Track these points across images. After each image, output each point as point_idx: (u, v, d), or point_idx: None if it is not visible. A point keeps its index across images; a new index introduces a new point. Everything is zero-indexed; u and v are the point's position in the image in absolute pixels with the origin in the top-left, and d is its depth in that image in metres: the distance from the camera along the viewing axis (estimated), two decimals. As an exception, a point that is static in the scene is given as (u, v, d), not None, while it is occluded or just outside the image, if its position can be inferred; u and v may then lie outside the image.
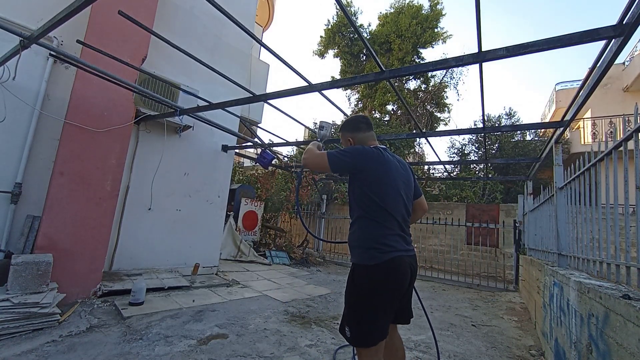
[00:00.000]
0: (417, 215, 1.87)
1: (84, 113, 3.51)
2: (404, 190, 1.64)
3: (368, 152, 1.60)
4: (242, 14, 5.60)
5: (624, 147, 1.85)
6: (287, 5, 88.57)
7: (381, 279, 1.46)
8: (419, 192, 1.83)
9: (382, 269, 1.46)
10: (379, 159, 1.59)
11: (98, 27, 3.62)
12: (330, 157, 1.58)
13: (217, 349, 2.55)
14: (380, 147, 1.68)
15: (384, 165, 1.59)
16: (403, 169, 1.71)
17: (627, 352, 1.29)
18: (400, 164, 1.72)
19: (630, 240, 1.77)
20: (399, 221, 1.57)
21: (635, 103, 1.77)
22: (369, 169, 1.57)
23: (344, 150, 1.61)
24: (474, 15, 1.96)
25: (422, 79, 14.20)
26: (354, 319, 1.49)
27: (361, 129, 1.77)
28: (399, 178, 1.63)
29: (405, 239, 1.61)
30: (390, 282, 1.46)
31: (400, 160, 1.75)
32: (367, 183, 1.56)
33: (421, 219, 7.77)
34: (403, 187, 1.64)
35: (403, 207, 1.61)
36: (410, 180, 1.74)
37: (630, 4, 1.60)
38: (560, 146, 3.33)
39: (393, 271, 1.47)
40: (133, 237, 4.39)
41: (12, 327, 2.49)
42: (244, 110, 6.77)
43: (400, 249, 1.53)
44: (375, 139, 1.80)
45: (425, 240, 9.03)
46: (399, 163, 1.72)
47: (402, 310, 1.65)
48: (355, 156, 1.58)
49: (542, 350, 3.06)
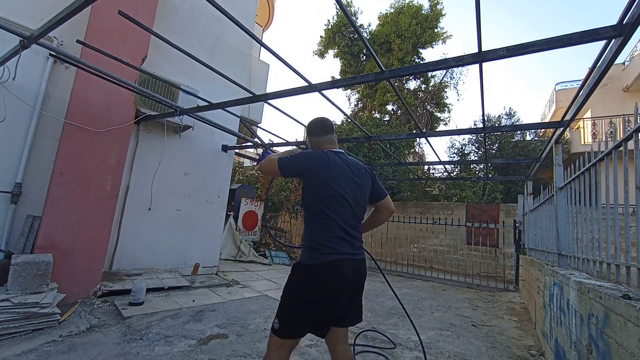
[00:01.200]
0: (383, 217, 1.85)
1: (84, 113, 3.51)
2: (352, 194, 1.61)
3: (314, 157, 1.63)
4: (242, 14, 5.60)
5: (624, 147, 1.85)
6: (287, 5, 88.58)
7: (317, 278, 1.49)
8: (382, 193, 1.79)
9: (320, 269, 1.49)
10: (324, 163, 1.61)
11: (98, 27, 3.61)
12: (280, 162, 1.64)
13: (217, 349, 2.55)
14: (332, 151, 1.69)
15: (330, 169, 1.60)
16: (356, 172, 1.68)
17: (627, 352, 1.29)
18: (354, 167, 1.70)
19: (630, 240, 1.77)
20: (342, 225, 1.56)
21: (635, 103, 1.77)
22: (313, 174, 1.61)
23: (293, 155, 1.67)
24: (474, 15, 1.96)
25: (422, 79, 14.21)
26: (282, 312, 1.54)
27: (317, 133, 1.79)
28: (346, 182, 1.61)
29: (351, 242, 1.58)
30: (325, 284, 1.48)
31: (355, 164, 1.73)
32: (313, 187, 1.61)
33: (422, 219, 7.78)
34: (351, 191, 1.61)
35: (349, 211, 1.59)
36: (365, 183, 1.71)
37: (630, 4, 1.60)
38: (560, 146, 3.33)
39: (330, 273, 1.49)
40: (133, 237, 4.39)
41: (12, 327, 2.49)
42: (244, 110, 6.77)
43: (343, 252, 1.53)
44: (333, 142, 1.78)
45: (425, 240, 9.03)
46: (352, 167, 1.69)
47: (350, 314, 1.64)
48: (301, 161, 1.63)
49: (542, 350, 3.06)
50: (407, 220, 7.95)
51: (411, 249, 9.23)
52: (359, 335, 3.06)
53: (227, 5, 2.39)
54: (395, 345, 2.97)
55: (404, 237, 9.19)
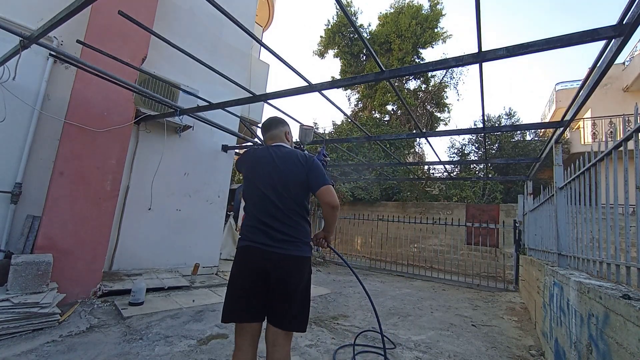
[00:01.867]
0: (324, 211, 1.69)
1: (84, 113, 3.51)
2: (271, 185, 1.63)
3: (243, 158, 1.84)
4: (242, 14, 5.59)
5: (624, 147, 1.85)
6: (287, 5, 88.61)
7: (234, 262, 1.68)
8: (315, 184, 1.64)
9: (237, 254, 1.69)
10: (249, 161, 1.76)
11: (98, 27, 3.61)
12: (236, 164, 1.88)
13: (217, 349, 2.55)
14: (269, 147, 1.77)
15: (253, 165, 1.73)
16: (281, 163, 1.66)
17: (627, 352, 1.29)
18: (282, 158, 1.68)
19: (630, 240, 1.77)
20: (258, 216, 1.63)
21: (635, 103, 1.77)
22: (242, 172, 1.80)
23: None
24: (474, 15, 1.96)
25: (422, 79, 14.20)
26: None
27: (262, 133, 1.91)
28: (267, 174, 1.65)
29: (267, 233, 1.59)
30: (236, 266, 1.64)
31: (285, 154, 1.70)
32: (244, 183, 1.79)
33: (422, 219, 7.77)
34: (271, 182, 1.63)
35: (268, 202, 1.62)
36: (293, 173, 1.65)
37: (630, 4, 1.60)
38: (560, 146, 3.33)
39: (240, 257, 1.65)
40: (133, 237, 4.39)
41: (12, 327, 2.49)
42: (244, 110, 6.77)
43: (255, 240, 1.60)
44: (273, 138, 1.84)
45: (425, 240, 9.03)
46: (279, 158, 1.68)
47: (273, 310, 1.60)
48: (237, 163, 1.89)
49: (542, 350, 3.06)
50: (407, 220, 7.95)
51: (411, 249, 9.23)
52: (359, 336, 3.05)
53: (227, 5, 2.39)
54: (395, 345, 2.97)
55: (404, 237, 9.19)
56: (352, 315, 3.84)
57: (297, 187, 1.64)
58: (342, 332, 3.21)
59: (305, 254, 1.64)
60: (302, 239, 1.64)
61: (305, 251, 1.64)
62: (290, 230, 1.61)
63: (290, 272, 1.58)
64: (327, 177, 1.68)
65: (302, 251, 1.62)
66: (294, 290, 1.58)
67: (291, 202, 1.63)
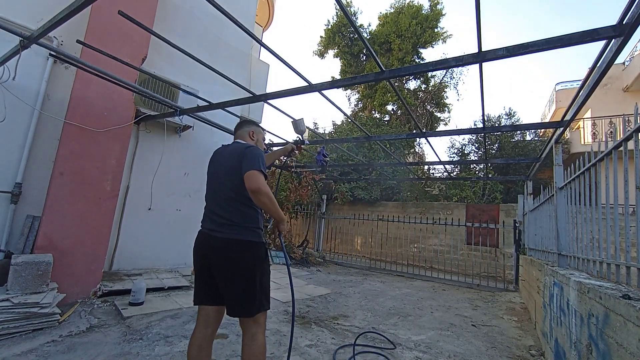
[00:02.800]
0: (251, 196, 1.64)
1: (84, 113, 3.51)
2: (217, 176, 1.82)
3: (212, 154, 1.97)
4: (242, 14, 5.59)
5: (624, 147, 1.85)
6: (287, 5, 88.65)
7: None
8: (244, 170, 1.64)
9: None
10: (212, 157, 1.93)
11: (98, 27, 3.61)
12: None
13: (217, 349, 2.55)
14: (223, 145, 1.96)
15: (212, 161, 1.91)
16: (227, 155, 1.82)
17: (627, 352, 1.29)
18: (230, 151, 1.83)
19: (630, 240, 1.77)
20: (209, 206, 1.82)
21: (635, 103, 1.77)
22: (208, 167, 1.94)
23: None
24: (474, 16, 1.96)
25: (422, 79, 14.21)
26: None
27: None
28: (217, 167, 1.84)
29: (213, 220, 1.75)
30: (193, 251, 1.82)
31: (233, 148, 1.84)
32: None
33: (422, 219, 7.77)
34: (217, 173, 1.82)
35: (216, 192, 1.80)
36: (233, 163, 1.73)
37: (630, 4, 1.60)
38: (560, 146, 3.33)
39: (195, 243, 1.82)
40: (133, 237, 4.39)
41: (12, 327, 2.49)
42: (244, 110, 6.77)
43: (205, 226, 1.80)
44: (237, 137, 2.01)
45: (425, 240, 9.03)
46: (228, 151, 1.84)
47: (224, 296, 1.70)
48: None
49: (542, 350, 3.06)
50: (407, 220, 7.95)
51: (411, 249, 9.23)
52: (360, 336, 3.06)
53: (227, 5, 2.39)
54: (395, 345, 2.96)
55: (404, 237, 9.19)
56: (352, 315, 3.84)
57: (236, 176, 1.71)
58: (342, 332, 3.21)
59: (245, 238, 1.69)
60: (241, 224, 1.71)
61: (245, 235, 1.69)
62: (230, 215, 1.71)
63: (228, 257, 1.65)
64: (258, 163, 1.65)
65: (241, 235, 1.69)
66: (233, 274, 1.64)
67: (231, 190, 1.73)
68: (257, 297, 1.66)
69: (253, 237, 1.71)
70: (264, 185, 1.61)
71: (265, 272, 1.75)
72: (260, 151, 1.77)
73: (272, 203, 1.64)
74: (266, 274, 1.76)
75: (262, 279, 1.71)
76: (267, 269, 1.77)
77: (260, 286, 1.69)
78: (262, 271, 1.71)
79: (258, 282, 1.68)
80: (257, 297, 1.66)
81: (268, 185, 1.67)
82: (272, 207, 1.65)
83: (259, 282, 1.69)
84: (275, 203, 1.67)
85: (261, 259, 1.73)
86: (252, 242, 1.70)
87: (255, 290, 1.66)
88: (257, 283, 1.67)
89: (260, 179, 1.61)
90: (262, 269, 1.72)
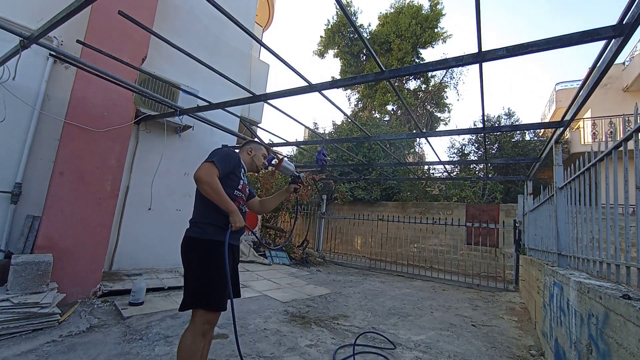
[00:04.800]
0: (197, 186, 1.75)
1: (84, 113, 3.51)
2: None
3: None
4: (242, 14, 5.60)
5: (624, 147, 1.85)
6: (287, 5, 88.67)
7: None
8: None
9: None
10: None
11: (98, 27, 3.61)
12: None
13: (217, 349, 2.55)
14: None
15: None
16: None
17: (627, 352, 1.29)
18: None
19: (630, 240, 1.77)
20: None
21: (635, 103, 1.77)
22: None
23: None
24: (474, 15, 1.96)
25: (422, 79, 14.21)
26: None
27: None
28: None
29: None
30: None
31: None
32: None
33: (422, 219, 7.76)
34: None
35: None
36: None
37: (630, 4, 1.60)
38: (560, 146, 3.33)
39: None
40: (133, 237, 4.39)
41: (12, 327, 2.49)
42: (244, 110, 6.77)
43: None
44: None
45: (425, 240, 9.03)
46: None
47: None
48: None
49: (542, 350, 3.06)
50: (407, 220, 7.95)
51: (411, 249, 9.23)
52: (360, 336, 3.05)
53: (227, 5, 2.39)
54: (395, 345, 2.96)
55: (404, 237, 9.19)
56: (352, 315, 3.84)
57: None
58: (342, 332, 3.21)
59: (191, 234, 1.74)
60: (193, 221, 1.78)
61: (191, 232, 1.74)
62: (194, 214, 1.81)
63: (183, 249, 1.75)
64: (212, 156, 1.73)
65: (189, 232, 1.76)
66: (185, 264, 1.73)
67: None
68: (190, 293, 1.67)
69: (197, 234, 1.72)
70: (206, 175, 1.63)
71: (206, 270, 1.68)
72: (226, 151, 1.81)
73: (216, 192, 1.64)
74: (208, 272, 1.68)
75: (200, 276, 1.67)
76: (210, 267, 1.69)
77: (197, 282, 1.67)
78: (202, 268, 1.67)
79: (193, 279, 1.68)
80: (190, 292, 1.67)
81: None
82: (215, 197, 1.65)
83: (195, 278, 1.67)
84: (220, 193, 1.65)
85: (202, 256, 1.69)
86: (194, 239, 1.72)
87: (190, 286, 1.69)
88: (193, 279, 1.68)
89: (205, 168, 1.66)
90: (202, 266, 1.68)
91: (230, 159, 1.79)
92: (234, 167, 1.83)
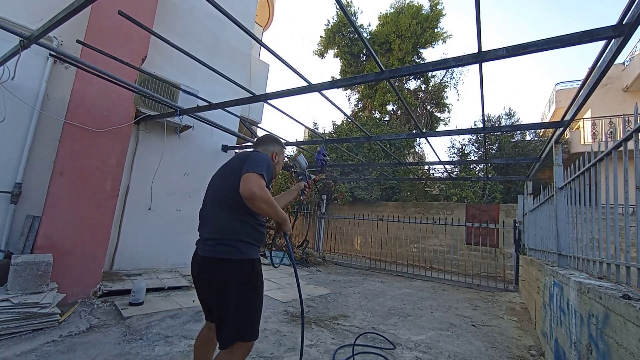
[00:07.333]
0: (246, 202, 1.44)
1: (84, 113, 3.51)
2: (212, 187, 1.69)
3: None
4: (242, 14, 5.60)
5: (624, 147, 1.85)
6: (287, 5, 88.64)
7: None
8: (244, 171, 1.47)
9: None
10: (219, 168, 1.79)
11: (98, 27, 3.61)
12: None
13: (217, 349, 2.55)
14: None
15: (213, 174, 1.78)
16: (227, 164, 1.73)
17: (627, 352, 1.29)
18: (231, 160, 1.74)
19: (630, 240, 1.77)
20: (200, 222, 1.70)
21: (635, 103, 1.77)
22: None
23: None
24: (474, 15, 1.96)
25: (422, 79, 14.21)
26: None
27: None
28: (213, 183, 1.71)
29: (201, 235, 1.66)
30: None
31: (233, 159, 1.73)
32: None
33: (422, 219, 7.77)
34: (213, 184, 1.71)
35: (207, 205, 1.68)
36: (232, 171, 1.60)
37: (630, 4, 1.60)
38: (560, 146, 3.33)
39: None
40: (133, 237, 4.39)
41: (12, 327, 2.49)
42: (244, 110, 6.77)
43: (197, 245, 1.67)
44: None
45: (425, 240, 9.03)
46: (229, 164, 1.72)
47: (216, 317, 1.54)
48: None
49: (542, 350, 3.06)
50: (407, 220, 7.95)
51: (411, 249, 9.23)
52: (360, 336, 3.05)
53: (227, 5, 2.39)
54: (395, 346, 2.96)
55: (404, 237, 9.19)
56: (352, 315, 3.84)
57: (232, 177, 1.55)
58: (342, 332, 3.21)
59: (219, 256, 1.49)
60: (222, 238, 1.51)
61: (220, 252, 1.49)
62: (212, 229, 1.56)
63: (209, 276, 1.52)
64: (261, 167, 1.48)
65: (216, 252, 1.50)
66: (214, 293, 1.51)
67: (221, 202, 1.57)
68: (231, 325, 1.46)
69: (229, 254, 1.49)
70: (259, 190, 1.39)
71: (246, 296, 1.49)
72: (267, 160, 1.59)
73: (271, 207, 1.44)
74: (248, 298, 1.50)
75: (239, 304, 1.47)
76: (251, 291, 1.51)
77: (237, 312, 1.46)
78: (241, 295, 1.48)
79: (232, 307, 1.46)
80: (230, 324, 1.46)
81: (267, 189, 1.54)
82: (271, 211, 1.46)
83: (234, 306, 1.46)
84: (275, 206, 1.47)
85: (238, 281, 1.48)
86: (227, 261, 1.48)
87: (230, 317, 1.46)
88: (232, 307, 1.46)
89: (256, 181, 1.41)
90: (240, 292, 1.48)
91: (270, 168, 1.59)
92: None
